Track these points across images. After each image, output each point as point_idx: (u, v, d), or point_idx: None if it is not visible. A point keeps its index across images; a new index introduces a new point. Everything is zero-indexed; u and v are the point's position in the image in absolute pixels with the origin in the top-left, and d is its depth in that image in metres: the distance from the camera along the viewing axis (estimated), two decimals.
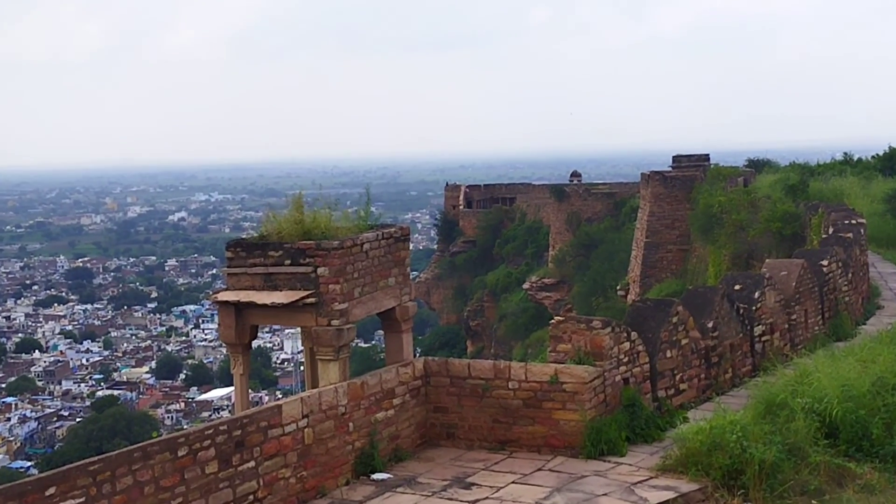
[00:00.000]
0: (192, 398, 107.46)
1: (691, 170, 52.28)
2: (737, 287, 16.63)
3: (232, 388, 14.00)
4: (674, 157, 55.11)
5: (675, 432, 12.37)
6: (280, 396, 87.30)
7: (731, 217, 37.15)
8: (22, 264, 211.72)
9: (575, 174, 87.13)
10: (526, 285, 74.35)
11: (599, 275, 63.82)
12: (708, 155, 55.04)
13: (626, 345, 13.06)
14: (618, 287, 58.20)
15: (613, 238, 67.18)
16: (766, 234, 32.02)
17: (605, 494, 10.77)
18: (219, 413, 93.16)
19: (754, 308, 16.23)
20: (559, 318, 13.07)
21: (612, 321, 12.97)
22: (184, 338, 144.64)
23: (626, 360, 13.00)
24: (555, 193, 76.67)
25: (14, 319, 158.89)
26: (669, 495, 10.72)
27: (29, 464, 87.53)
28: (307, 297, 11.55)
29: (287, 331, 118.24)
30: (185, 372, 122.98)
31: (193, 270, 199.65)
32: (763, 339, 16.45)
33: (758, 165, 55.89)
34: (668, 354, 13.89)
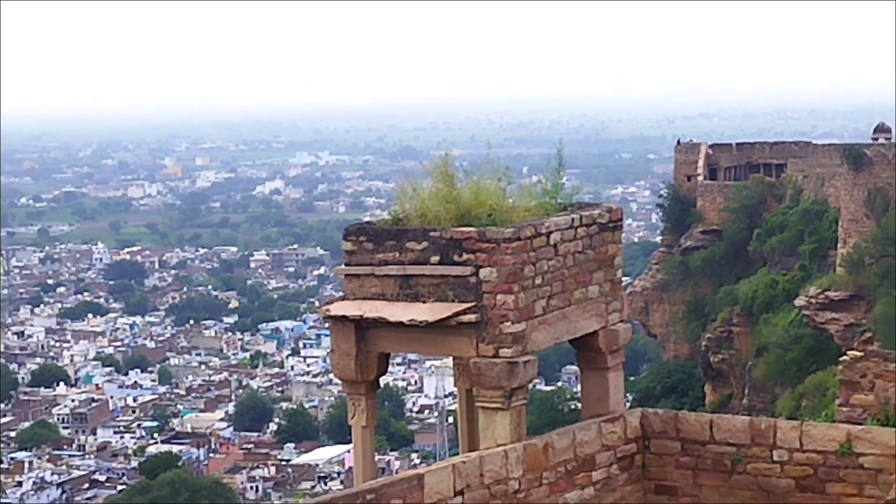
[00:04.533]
0: (288, 460, 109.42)
1: None
2: None
3: (349, 448, 14.24)
4: None
5: None
6: (417, 462, 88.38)
7: None
8: (43, 255, 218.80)
9: (881, 129, 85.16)
10: (801, 301, 73.14)
11: None
12: None
13: None
14: None
15: None
16: None
17: None
18: (325, 484, 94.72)
19: None
20: (855, 353, 12.86)
21: None
22: (276, 370, 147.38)
23: None
24: (849, 158, 75.11)
25: (30, 337, 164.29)
26: None
27: None
28: (464, 312, 11.64)
29: (429, 363, 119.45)
30: (277, 421, 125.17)
31: (292, 269, 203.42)
32: None
33: None
34: None
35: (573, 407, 65.60)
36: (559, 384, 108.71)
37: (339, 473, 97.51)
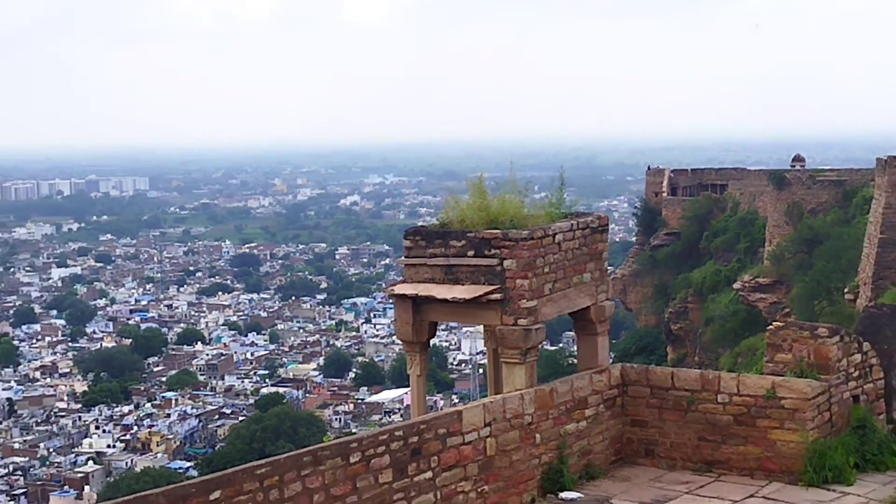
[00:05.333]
0: (362, 399, 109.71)
1: None
2: None
3: (405, 390, 14.24)
4: None
5: None
6: (456, 401, 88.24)
7: None
8: (186, 249, 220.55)
9: (798, 158, 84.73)
10: (737, 285, 72.79)
11: (824, 275, 61.81)
12: None
13: (857, 357, 12.63)
14: (845, 290, 56.29)
15: (841, 233, 64.94)
16: None
17: None
18: (390, 417, 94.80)
19: None
20: (778, 323, 12.76)
21: (841, 329, 12.58)
22: (354, 333, 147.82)
23: (856, 374, 12.58)
24: (773, 180, 74.78)
25: (176, 308, 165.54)
26: None
27: (188, 464, 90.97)
28: (492, 292, 11.59)
29: (466, 330, 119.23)
30: (354, 370, 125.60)
31: (366, 260, 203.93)
32: None
33: None
34: None
35: (571, 362, 65.47)
36: (560, 345, 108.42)
37: (399, 409, 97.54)
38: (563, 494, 11.60)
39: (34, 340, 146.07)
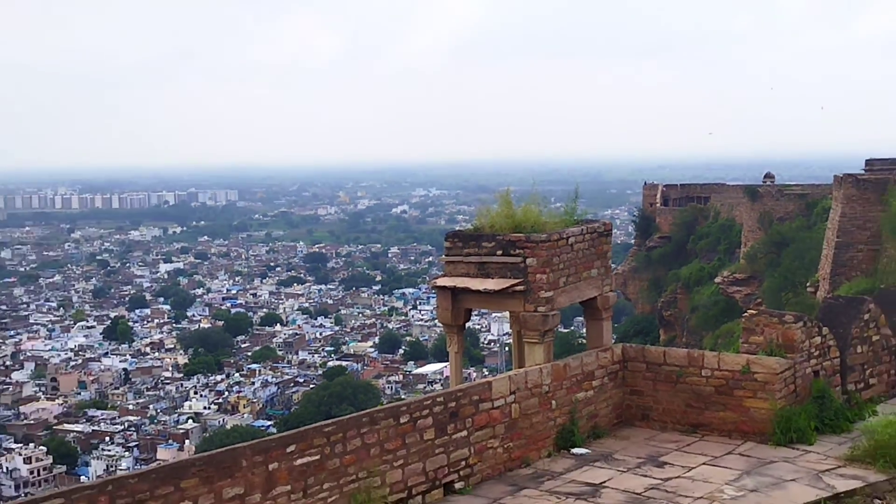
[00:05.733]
0: (410, 371, 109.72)
1: (884, 173, 49.69)
2: None
3: (445, 364, 14.23)
4: (867, 160, 52.58)
5: (863, 424, 11.87)
6: (486, 374, 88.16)
7: None
8: (267, 248, 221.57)
9: (768, 175, 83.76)
10: (718, 279, 72.16)
11: (790, 271, 61.22)
12: None
13: (818, 339, 12.57)
14: (808, 284, 55.70)
15: (804, 237, 64.28)
16: None
17: (793, 480, 10.43)
18: (432, 386, 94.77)
19: None
20: (752, 311, 12.69)
21: (804, 316, 12.54)
22: (403, 317, 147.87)
23: (816, 353, 12.51)
24: (748, 193, 74.10)
25: (259, 296, 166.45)
26: (857, 484, 10.30)
27: (269, 423, 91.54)
28: (516, 284, 11.58)
29: (494, 315, 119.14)
30: (403, 348, 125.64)
31: (413, 258, 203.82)
32: None
33: None
34: (859, 350, 13.28)
35: (581, 342, 65.29)
36: (572, 328, 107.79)
37: (440, 380, 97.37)
38: (574, 450, 11.61)
39: (145, 322, 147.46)
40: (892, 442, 10.70)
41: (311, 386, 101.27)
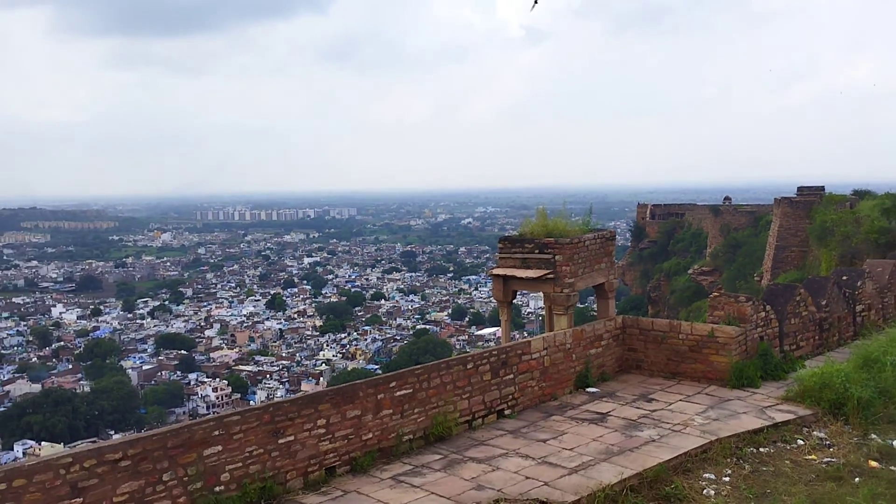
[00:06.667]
0: (473, 332, 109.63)
1: (811, 196, 48.47)
2: (843, 277, 15.22)
3: (498, 328, 14.14)
4: (798, 187, 51.37)
5: (795, 374, 11.56)
6: (526, 335, 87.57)
7: (839, 229, 33.96)
8: (375, 248, 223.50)
9: (727, 198, 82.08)
10: (690, 271, 70.88)
11: (742, 266, 60.02)
12: (823, 187, 50.99)
13: (763, 314, 12.26)
14: (755, 275, 54.46)
15: (753, 241, 62.93)
16: (866, 242, 28.97)
17: (744, 413, 10.23)
18: (489, 343, 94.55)
19: (856, 292, 14.78)
20: (715, 294, 12.44)
21: (753, 297, 12.25)
22: (468, 296, 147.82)
23: (762, 324, 12.20)
24: (712, 211, 72.88)
25: (370, 280, 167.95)
26: (790, 416, 10.07)
27: (376, 367, 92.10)
28: (548, 274, 11.51)
29: (531, 294, 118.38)
30: (468, 316, 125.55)
31: (475, 255, 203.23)
32: (862, 314, 14.93)
33: (861, 194, 50.57)
34: (792, 321, 12.92)
35: (592, 314, 64.48)
36: (586, 304, 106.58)
37: (493, 339, 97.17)
38: (588, 389, 11.47)
39: (294, 297, 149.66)
40: (816, 387, 10.48)
41: (405, 342, 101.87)
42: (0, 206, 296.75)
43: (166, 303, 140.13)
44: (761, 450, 9.19)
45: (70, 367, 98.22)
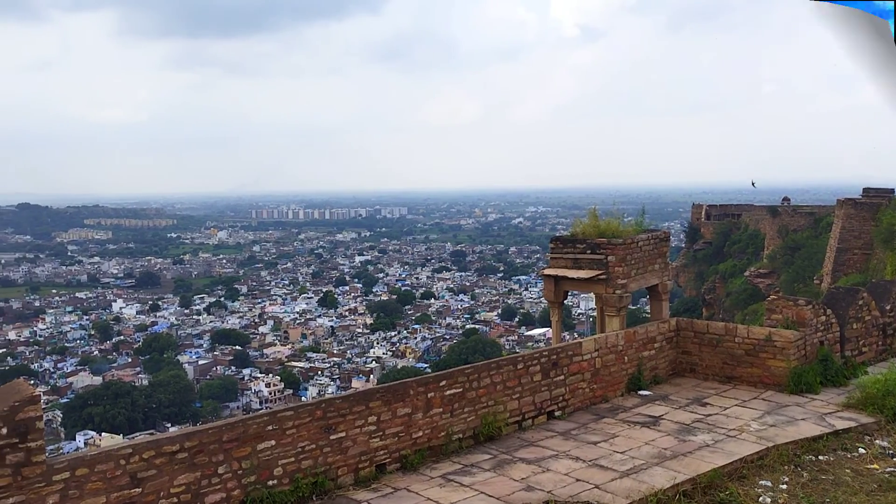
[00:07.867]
0: (523, 333, 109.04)
1: (878, 198, 46.79)
2: None
3: (549, 329, 14.07)
4: (864, 188, 49.60)
5: (857, 381, 11.23)
6: (577, 336, 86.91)
7: None
8: (426, 247, 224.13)
9: (785, 199, 79.94)
10: (746, 273, 69.18)
11: (801, 269, 58.38)
12: (893, 189, 48.95)
13: (823, 318, 11.91)
14: (815, 277, 52.88)
15: (812, 244, 61.15)
16: None
17: (803, 419, 9.95)
18: (539, 344, 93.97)
19: None
20: (773, 296, 12.13)
21: (813, 300, 11.93)
22: (518, 296, 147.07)
23: (822, 328, 11.85)
24: (770, 212, 71.04)
25: (420, 279, 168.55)
26: (851, 424, 9.77)
27: (426, 365, 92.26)
28: (600, 274, 11.39)
29: (582, 295, 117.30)
30: (518, 316, 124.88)
31: (526, 255, 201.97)
32: None
33: None
34: (854, 326, 12.52)
35: (645, 316, 63.54)
36: (639, 306, 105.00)
37: (544, 340, 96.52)
38: (640, 392, 11.33)
39: (345, 295, 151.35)
40: (879, 394, 10.18)
41: (454, 341, 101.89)
42: (65, 204, 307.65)
43: (222, 299, 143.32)
44: (820, 458, 8.93)
45: (129, 360, 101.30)
